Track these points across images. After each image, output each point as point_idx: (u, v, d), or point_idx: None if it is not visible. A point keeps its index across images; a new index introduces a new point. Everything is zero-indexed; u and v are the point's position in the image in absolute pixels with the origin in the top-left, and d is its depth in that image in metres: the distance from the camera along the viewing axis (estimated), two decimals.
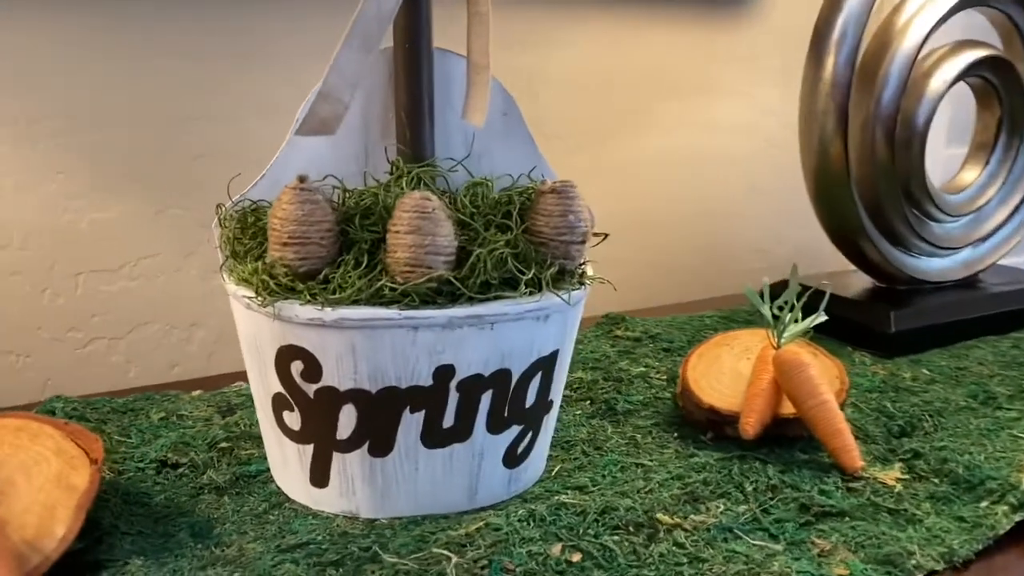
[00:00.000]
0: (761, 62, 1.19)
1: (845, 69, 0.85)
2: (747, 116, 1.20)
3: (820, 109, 0.86)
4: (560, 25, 1.03)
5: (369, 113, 0.57)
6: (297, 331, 0.51)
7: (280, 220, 0.51)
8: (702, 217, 1.19)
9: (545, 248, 0.54)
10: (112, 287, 0.86)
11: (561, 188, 0.54)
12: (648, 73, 1.11)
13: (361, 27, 0.52)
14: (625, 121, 1.10)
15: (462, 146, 0.59)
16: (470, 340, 0.52)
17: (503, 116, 0.59)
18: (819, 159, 0.88)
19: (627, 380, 0.77)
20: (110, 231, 0.84)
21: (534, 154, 0.60)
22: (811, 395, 0.62)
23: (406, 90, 0.55)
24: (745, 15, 1.16)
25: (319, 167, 0.57)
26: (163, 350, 0.89)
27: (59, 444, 0.51)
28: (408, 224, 0.50)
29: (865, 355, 0.87)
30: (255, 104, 0.87)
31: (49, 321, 0.83)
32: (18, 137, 0.79)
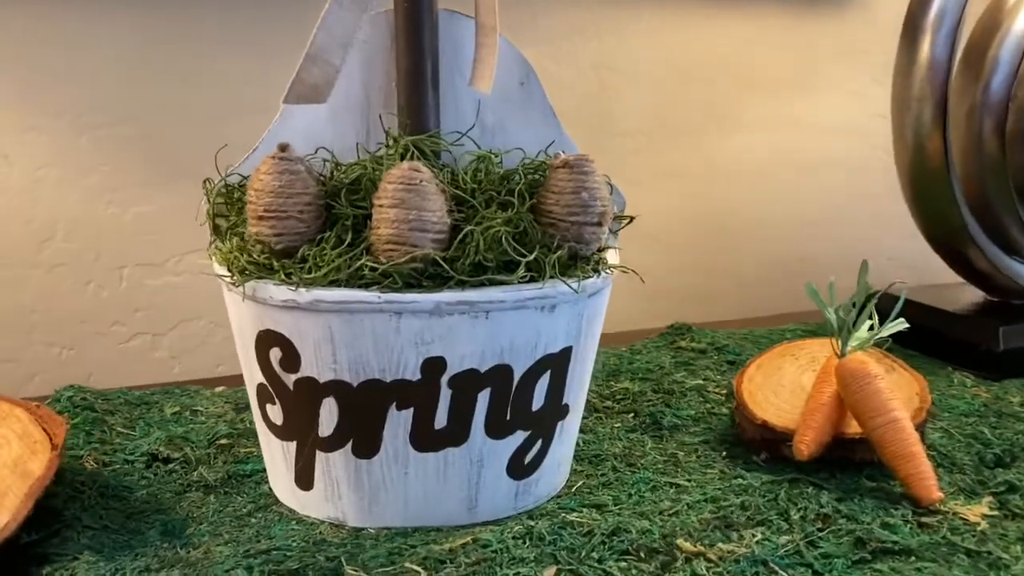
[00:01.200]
0: (865, 57, 1.09)
1: (944, 51, 0.74)
2: (847, 115, 1.09)
3: (915, 96, 0.76)
4: (633, 11, 0.96)
5: (370, 82, 0.52)
6: (273, 314, 0.47)
7: (256, 192, 0.47)
8: (791, 224, 1.09)
9: (555, 229, 0.48)
10: (156, 281, 0.84)
11: (575, 162, 0.48)
12: (732, 66, 1.02)
13: None
14: (703, 119, 1.02)
15: (474, 117, 0.53)
16: (462, 330, 0.46)
17: (520, 86, 0.53)
18: (915, 154, 0.78)
19: (679, 393, 0.69)
20: (154, 225, 0.83)
21: (554, 128, 0.54)
22: (879, 411, 0.53)
23: (406, 53, 0.50)
24: (847, 4, 1.06)
25: (316, 141, 0.52)
26: (208, 347, 0.87)
27: (25, 428, 0.48)
28: (392, 197, 0.45)
29: (967, 375, 0.76)
30: None
31: (93, 314, 0.82)
32: (63, 130, 0.78)
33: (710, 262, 1.07)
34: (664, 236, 1.04)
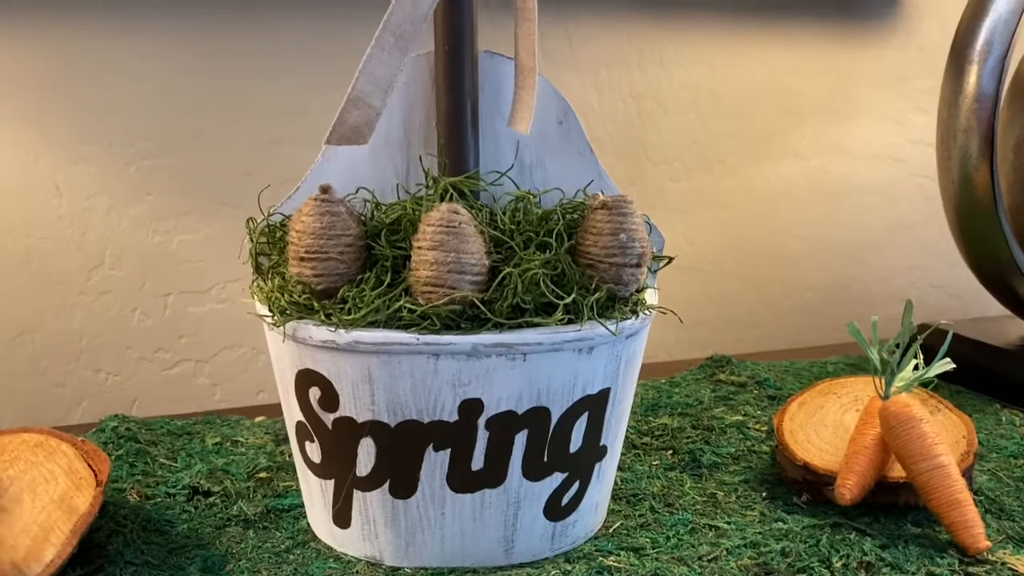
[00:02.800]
0: (906, 83, 1.07)
1: (991, 82, 0.73)
2: (887, 142, 1.08)
3: (961, 128, 0.75)
4: (671, 41, 0.96)
5: (411, 123, 0.53)
6: (313, 354, 0.47)
7: (298, 233, 0.47)
8: (831, 252, 1.08)
9: (593, 270, 0.48)
10: (200, 309, 0.85)
11: (613, 203, 0.48)
12: (771, 94, 1.02)
13: (394, 26, 0.48)
14: (742, 147, 1.02)
15: (512, 156, 0.54)
16: (499, 372, 0.46)
17: (558, 125, 0.54)
18: (961, 186, 0.77)
19: (719, 430, 0.68)
20: (199, 253, 0.84)
21: (592, 166, 0.54)
22: (923, 457, 0.52)
23: (447, 95, 0.51)
24: (890, 30, 1.05)
25: (357, 180, 0.53)
26: (249, 374, 0.88)
27: (71, 463, 0.49)
28: (432, 239, 0.45)
29: (1016, 413, 0.74)
30: None
31: (138, 341, 0.84)
32: (112, 159, 0.80)
33: (749, 290, 1.06)
34: (703, 264, 1.03)
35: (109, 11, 0.78)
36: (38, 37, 0.76)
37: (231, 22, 0.81)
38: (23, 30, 0.76)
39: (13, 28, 0.75)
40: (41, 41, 0.76)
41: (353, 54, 0.84)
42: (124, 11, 0.78)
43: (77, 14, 0.77)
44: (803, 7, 1.00)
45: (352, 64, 0.83)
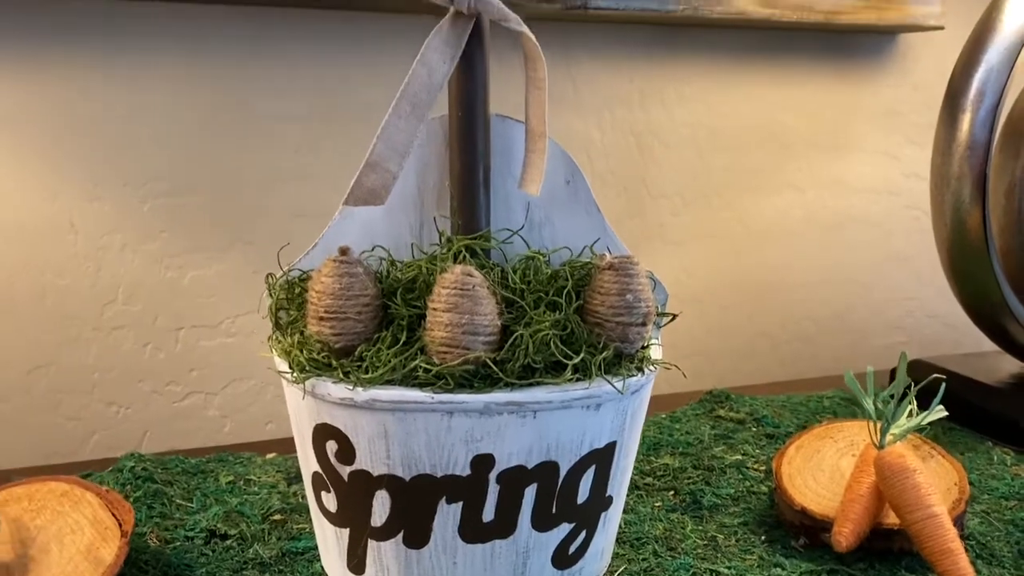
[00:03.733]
0: (900, 119, 1.10)
1: (984, 130, 0.75)
2: (882, 176, 1.10)
3: (954, 175, 0.77)
4: (672, 80, 0.99)
5: (425, 182, 0.55)
6: (331, 410, 0.49)
7: (318, 293, 0.49)
8: (826, 283, 1.10)
9: (600, 329, 0.50)
10: (211, 342, 0.87)
11: (620, 264, 0.50)
12: (768, 131, 1.04)
13: (411, 95, 0.50)
14: (740, 181, 1.04)
15: (522, 215, 0.56)
16: (510, 429, 0.48)
17: (566, 184, 0.56)
18: (954, 229, 0.79)
19: (719, 470, 0.70)
20: (210, 288, 0.86)
21: (599, 223, 0.56)
22: (917, 506, 0.54)
23: (460, 158, 0.53)
24: (885, 68, 1.08)
25: (372, 237, 0.55)
26: (258, 406, 0.90)
27: (96, 513, 0.50)
28: (446, 301, 0.47)
29: (1007, 451, 0.76)
30: (351, 163, 0.87)
31: (150, 374, 0.86)
32: (126, 198, 0.82)
33: (746, 321, 1.08)
34: (701, 295, 1.05)
35: (123, 54, 0.80)
36: (55, 79, 0.78)
37: (242, 64, 0.83)
38: (40, 72, 0.78)
39: (30, 70, 0.77)
40: (58, 83, 0.78)
41: (359, 91, 0.86)
42: (138, 54, 0.80)
43: (92, 57, 0.79)
44: (800, 47, 1.02)
45: (356, 99, 0.86)
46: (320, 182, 0.87)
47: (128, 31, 0.79)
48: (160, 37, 0.80)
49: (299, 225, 0.88)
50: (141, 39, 0.80)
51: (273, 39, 0.83)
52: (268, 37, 0.83)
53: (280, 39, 0.83)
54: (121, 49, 0.79)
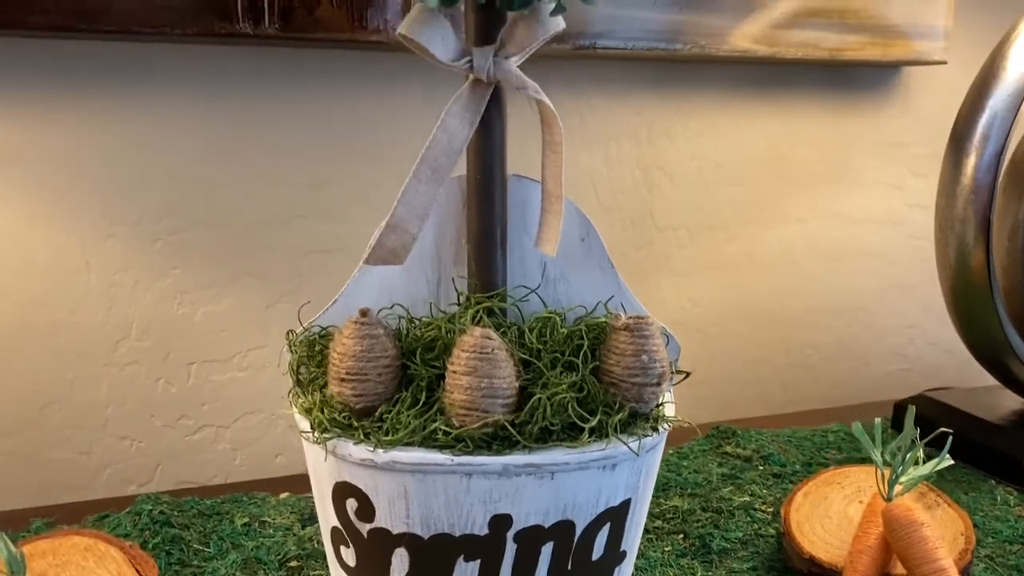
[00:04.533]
0: (903, 150, 1.11)
1: (987, 175, 0.77)
2: (885, 206, 1.12)
3: (958, 217, 0.78)
4: (678, 115, 1.00)
5: (442, 239, 0.56)
6: (351, 469, 0.50)
7: (339, 355, 0.50)
8: (829, 312, 1.12)
9: (616, 389, 0.51)
10: (222, 377, 0.88)
11: (635, 325, 0.51)
12: (773, 164, 1.05)
13: (431, 159, 0.51)
14: (745, 213, 1.05)
15: (538, 272, 0.57)
16: (528, 490, 0.49)
17: (580, 242, 0.57)
18: (958, 271, 0.80)
19: (728, 512, 0.71)
20: (222, 323, 0.87)
21: (613, 282, 0.57)
22: (925, 559, 0.55)
23: (478, 220, 0.53)
24: (888, 100, 1.09)
25: (390, 292, 0.56)
26: (268, 439, 0.91)
27: (120, 569, 0.51)
28: (466, 365, 0.48)
29: (1010, 491, 0.77)
30: (361, 199, 0.89)
31: (162, 409, 0.87)
32: (139, 236, 0.83)
33: (751, 349, 1.09)
34: (706, 326, 1.06)
35: (133, 94, 0.80)
36: (67, 120, 0.79)
37: (251, 102, 0.84)
38: (52, 113, 0.78)
39: (43, 111, 0.78)
40: (70, 123, 0.79)
41: (369, 128, 0.87)
42: (148, 93, 0.81)
43: (103, 97, 0.80)
44: (804, 80, 1.04)
45: (366, 136, 0.87)
46: (331, 218, 0.88)
47: (138, 71, 0.80)
48: (169, 76, 0.81)
49: (310, 260, 0.89)
50: (150, 79, 0.80)
51: (281, 77, 0.84)
52: (276, 75, 0.84)
53: (289, 77, 0.84)
54: (131, 89, 0.80)
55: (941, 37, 1.01)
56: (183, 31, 0.74)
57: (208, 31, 0.75)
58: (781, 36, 0.94)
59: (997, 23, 1.08)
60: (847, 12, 0.96)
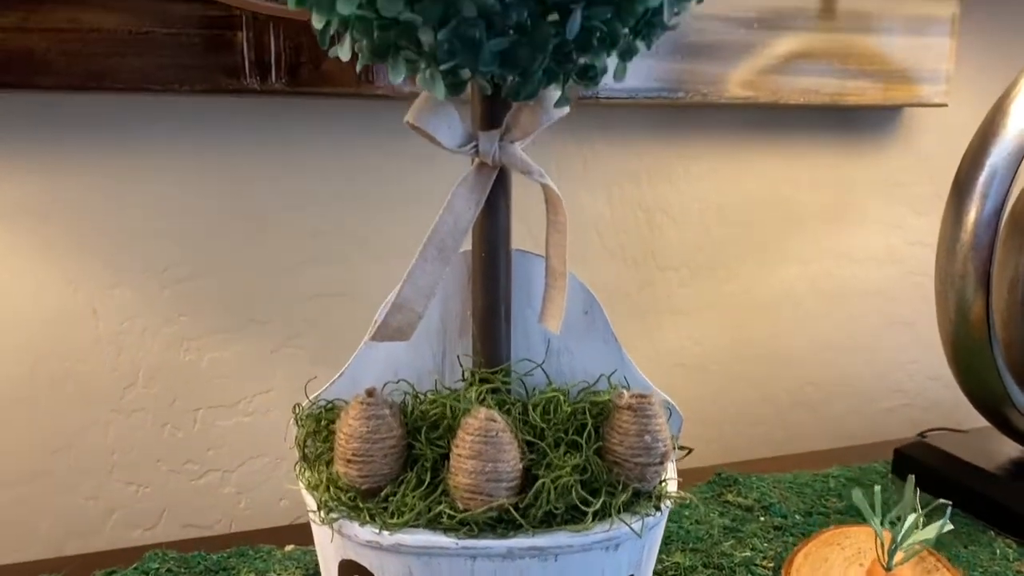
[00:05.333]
0: (903, 189, 1.12)
1: (987, 230, 0.77)
2: (885, 245, 1.12)
3: (958, 273, 0.79)
4: (680, 157, 1.00)
5: (447, 313, 0.57)
6: (357, 548, 0.51)
7: (346, 436, 0.51)
8: (830, 349, 1.12)
9: (619, 468, 0.51)
10: (228, 422, 0.89)
11: (638, 405, 0.52)
12: (773, 204, 1.06)
13: (437, 240, 0.51)
14: (745, 253, 1.06)
15: (542, 344, 0.57)
16: (532, 572, 0.49)
17: (584, 315, 0.57)
18: (957, 325, 0.81)
19: (729, 568, 0.72)
20: (228, 369, 0.88)
21: (616, 354, 0.58)
22: None
23: (483, 297, 0.54)
24: (889, 141, 1.09)
25: (395, 366, 0.56)
26: (272, 482, 0.91)
27: None
28: (470, 448, 0.49)
29: (1009, 543, 0.78)
30: (364, 245, 0.89)
31: (168, 454, 0.87)
32: (147, 284, 0.84)
33: (752, 388, 1.10)
34: (708, 364, 1.07)
35: (141, 146, 0.81)
36: (73, 174, 0.80)
37: (252, 152, 0.85)
38: (59, 167, 0.79)
39: (53, 165, 0.79)
40: (76, 177, 0.80)
41: (374, 175, 0.88)
42: (151, 146, 0.81)
43: (107, 151, 0.80)
44: (806, 123, 1.04)
45: (371, 183, 0.88)
46: (334, 263, 0.89)
47: (145, 125, 0.81)
48: (176, 129, 0.82)
49: (313, 305, 0.89)
50: (157, 131, 0.81)
51: (286, 128, 0.85)
52: (281, 126, 0.85)
53: (294, 128, 0.85)
54: (139, 141, 0.81)
55: (943, 80, 1.01)
56: (191, 88, 0.75)
57: (216, 87, 0.76)
58: (783, 82, 0.94)
59: (999, 67, 1.09)
60: (848, 58, 0.97)
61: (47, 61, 0.71)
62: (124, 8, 0.72)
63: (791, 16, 0.94)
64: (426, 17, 0.40)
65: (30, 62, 0.71)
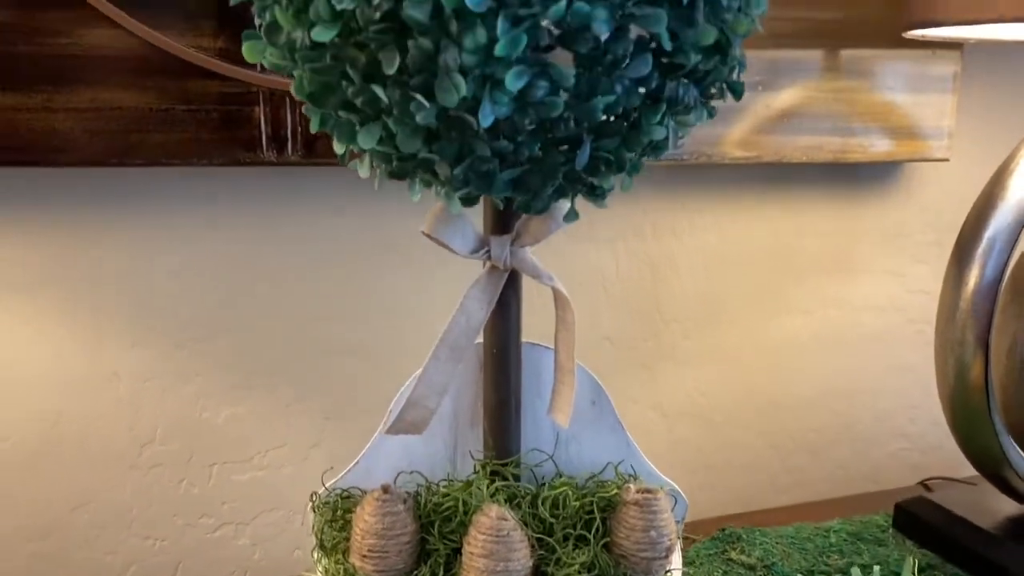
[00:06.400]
0: (905, 239, 1.13)
1: (986, 300, 0.79)
2: (891, 293, 1.14)
3: (957, 340, 0.80)
4: (684, 212, 1.02)
5: (460, 403, 0.59)
6: None
7: (361, 531, 0.53)
8: (833, 396, 1.14)
9: (626, 562, 0.54)
10: (242, 476, 0.91)
11: (644, 501, 0.54)
12: (777, 255, 1.07)
13: (450, 340, 0.54)
14: (749, 303, 1.07)
15: (551, 432, 0.59)
16: None
17: (592, 405, 0.59)
18: (956, 389, 0.82)
19: None
20: (242, 425, 0.90)
21: (623, 443, 0.60)
22: None
23: (494, 392, 0.56)
24: (891, 193, 1.11)
25: (409, 455, 0.58)
26: (286, 535, 0.94)
27: None
28: (482, 547, 0.51)
29: None
30: (373, 304, 0.91)
31: (184, 508, 0.89)
32: (165, 346, 0.86)
33: (756, 435, 1.11)
34: (712, 413, 1.09)
35: (161, 215, 0.83)
36: (96, 241, 0.82)
37: (264, 217, 0.87)
38: (87, 237, 0.81)
39: (78, 236, 0.81)
40: (99, 245, 0.82)
41: (385, 235, 0.90)
42: (174, 215, 0.84)
43: (133, 220, 0.83)
44: (808, 177, 1.06)
45: (383, 243, 0.90)
46: (345, 322, 0.91)
47: (164, 195, 0.83)
48: (194, 198, 0.84)
49: (325, 362, 0.91)
50: (176, 201, 0.83)
51: (302, 196, 0.87)
52: (297, 194, 0.87)
53: (309, 196, 0.87)
54: (159, 211, 0.83)
55: (945, 136, 1.03)
56: (210, 161, 0.77)
57: (234, 161, 0.78)
58: (785, 141, 0.96)
59: (999, 121, 1.11)
60: (852, 116, 0.99)
61: (71, 139, 0.73)
62: (144, 86, 0.75)
63: (793, 75, 0.95)
64: (443, 155, 0.42)
65: (54, 140, 0.73)
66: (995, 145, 1.11)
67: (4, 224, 0.79)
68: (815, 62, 0.97)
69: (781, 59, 0.94)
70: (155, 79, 0.75)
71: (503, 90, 0.39)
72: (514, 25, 0.37)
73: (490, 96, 0.39)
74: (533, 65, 0.39)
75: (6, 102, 0.71)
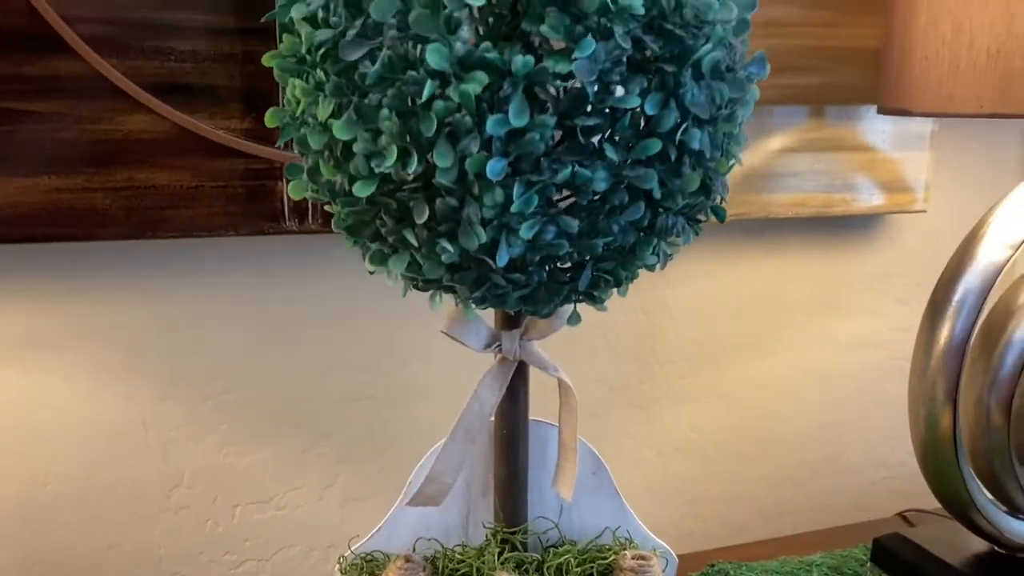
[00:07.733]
0: (889, 281, 1.20)
1: (954, 360, 0.85)
2: (870, 331, 1.20)
3: (927, 394, 0.87)
4: (680, 261, 1.08)
5: (473, 476, 0.65)
6: None
7: None
8: (819, 429, 1.21)
9: None
10: (263, 516, 0.97)
11: (638, 568, 0.60)
12: (767, 298, 1.14)
13: (465, 423, 0.60)
14: (740, 344, 1.14)
15: (555, 502, 0.66)
16: None
17: (592, 475, 0.66)
18: (926, 438, 0.88)
19: None
20: (263, 469, 0.96)
21: (620, 511, 0.66)
22: None
23: (504, 468, 0.63)
24: (875, 238, 1.17)
25: (426, 522, 0.65)
26: (303, 569, 1.00)
27: None
28: None
29: None
30: (386, 353, 0.97)
31: (209, 546, 0.96)
32: (190, 398, 0.92)
33: (745, 468, 1.18)
34: (705, 449, 1.15)
35: (189, 280, 0.89)
36: (132, 302, 0.88)
37: (291, 283, 0.93)
38: (117, 298, 0.87)
39: (109, 298, 0.87)
40: (132, 307, 0.88)
41: (395, 296, 0.96)
42: (201, 279, 0.90)
43: (163, 283, 0.89)
44: (796, 229, 1.12)
45: (392, 303, 0.95)
46: (361, 371, 0.97)
47: (192, 261, 0.89)
48: (219, 265, 0.90)
49: (341, 408, 0.97)
50: (203, 267, 0.89)
51: (321, 260, 0.93)
52: (317, 259, 0.93)
53: (327, 259, 0.93)
54: (187, 276, 0.89)
55: (922, 189, 1.09)
56: (236, 232, 0.83)
57: (258, 231, 0.84)
58: (772, 199, 1.03)
59: (972, 173, 1.18)
60: (834, 173, 1.05)
61: (109, 215, 0.79)
62: (176, 166, 0.80)
63: (780, 136, 1.01)
64: (463, 282, 0.49)
65: (93, 217, 0.79)
66: (968, 199, 1.17)
67: (48, 291, 0.85)
68: (799, 123, 1.03)
69: (766, 124, 1.01)
70: (186, 159, 0.80)
71: (517, 237, 0.45)
72: (527, 188, 0.43)
73: (506, 241, 0.45)
74: (543, 216, 0.45)
75: (52, 184, 0.77)
